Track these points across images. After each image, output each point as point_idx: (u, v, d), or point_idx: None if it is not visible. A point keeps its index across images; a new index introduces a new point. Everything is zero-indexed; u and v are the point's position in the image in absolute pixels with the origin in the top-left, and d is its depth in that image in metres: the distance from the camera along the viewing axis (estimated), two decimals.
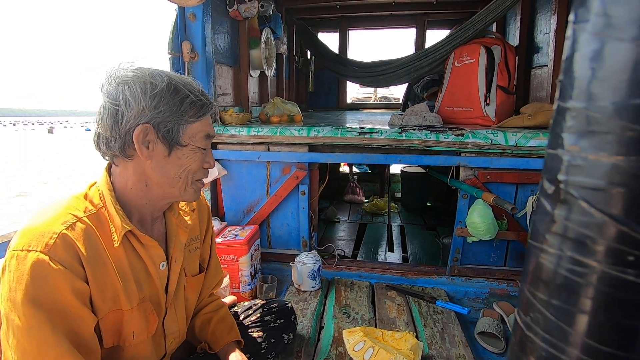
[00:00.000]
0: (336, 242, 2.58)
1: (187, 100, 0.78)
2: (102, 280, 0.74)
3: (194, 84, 0.82)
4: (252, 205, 1.97)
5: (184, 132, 0.78)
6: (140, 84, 0.74)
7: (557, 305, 0.26)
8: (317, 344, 1.35)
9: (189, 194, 0.84)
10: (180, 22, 1.78)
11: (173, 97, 0.76)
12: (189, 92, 0.78)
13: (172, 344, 0.93)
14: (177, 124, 0.77)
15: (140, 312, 0.81)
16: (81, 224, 0.73)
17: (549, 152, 0.27)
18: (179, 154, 0.79)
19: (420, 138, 1.71)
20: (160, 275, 0.85)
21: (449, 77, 2.17)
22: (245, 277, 1.66)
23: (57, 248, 0.68)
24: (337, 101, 4.14)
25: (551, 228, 0.26)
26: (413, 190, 3.46)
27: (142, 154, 0.76)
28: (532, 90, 2.50)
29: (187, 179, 0.82)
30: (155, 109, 0.75)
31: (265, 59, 2.54)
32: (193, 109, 0.79)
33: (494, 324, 1.43)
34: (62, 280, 0.67)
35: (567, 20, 1.09)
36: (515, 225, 1.72)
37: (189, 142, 0.80)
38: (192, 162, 0.81)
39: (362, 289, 1.75)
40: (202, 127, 0.81)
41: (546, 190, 0.27)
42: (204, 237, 1.03)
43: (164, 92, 0.75)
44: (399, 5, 3.40)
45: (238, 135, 1.86)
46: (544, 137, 1.61)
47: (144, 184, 0.80)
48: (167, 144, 0.78)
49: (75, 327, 0.70)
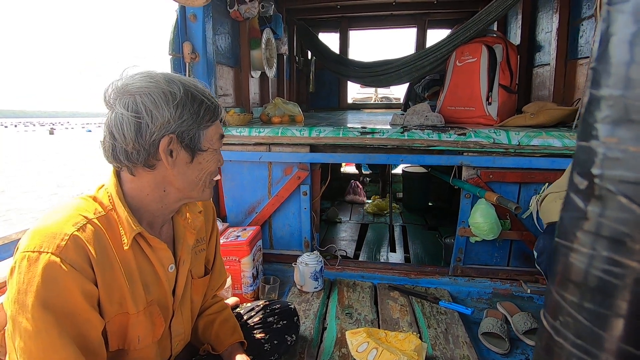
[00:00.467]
0: (338, 243, 2.57)
1: (204, 106, 0.79)
2: (109, 283, 0.73)
3: (205, 88, 0.82)
4: (253, 206, 1.97)
5: (204, 137, 0.80)
6: (160, 94, 0.74)
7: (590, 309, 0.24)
8: (320, 345, 1.35)
9: (206, 194, 0.86)
10: (181, 23, 1.77)
11: (192, 105, 0.77)
12: (204, 97, 0.79)
13: (177, 346, 0.93)
14: (198, 131, 0.78)
15: (146, 316, 0.80)
16: (91, 225, 0.72)
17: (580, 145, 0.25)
18: (201, 159, 0.81)
19: (423, 138, 1.70)
20: (168, 277, 0.85)
21: (450, 76, 2.16)
22: (247, 278, 1.65)
23: (68, 250, 0.67)
24: (338, 101, 4.13)
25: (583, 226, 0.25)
26: (415, 190, 3.45)
27: (167, 163, 0.77)
28: (533, 89, 2.49)
29: (207, 180, 0.84)
30: (179, 119, 0.75)
31: (266, 59, 2.54)
32: (208, 113, 0.79)
33: (497, 325, 1.42)
34: (72, 283, 0.67)
35: (569, 19, 1.09)
36: (518, 224, 1.71)
37: (209, 146, 0.81)
38: (212, 164, 0.83)
39: (365, 290, 1.74)
40: (217, 130, 0.83)
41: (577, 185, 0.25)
42: (209, 239, 1.03)
43: (183, 100, 0.76)
44: (400, 5, 3.40)
45: (239, 136, 1.86)
46: (546, 136, 1.60)
47: (162, 190, 0.80)
48: (189, 151, 0.79)
49: (83, 330, 0.69)
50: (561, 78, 2.11)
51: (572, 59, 2.06)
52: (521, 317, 1.47)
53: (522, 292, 1.70)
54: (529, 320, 1.44)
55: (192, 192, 0.83)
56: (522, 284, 1.71)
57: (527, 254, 1.76)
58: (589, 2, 1.91)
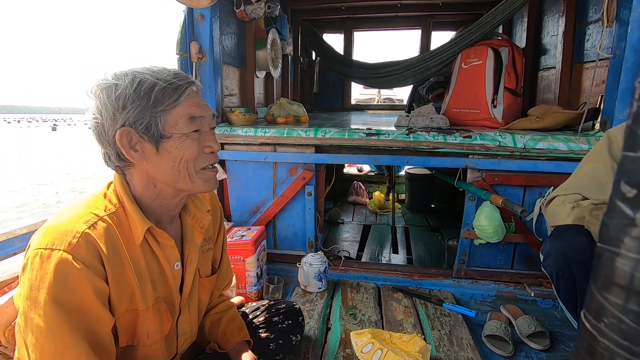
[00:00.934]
0: (340, 243, 2.57)
1: (156, 89, 0.73)
2: (120, 280, 0.74)
3: (164, 70, 0.77)
4: (258, 206, 1.97)
5: (165, 122, 0.74)
6: (106, 89, 0.73)
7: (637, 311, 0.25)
8: (324, 346, 1.35)
9: (198, 185, 0.80)
10: (188, 22, 1.78)
11: (138, 92, 0.73)
12: (157, 79, 0.74)
13: (183, 344, 0.93)
14: (154, 117, 0.73)
15: (155, 313, 0.81)
16: (102, 222, 0.73)
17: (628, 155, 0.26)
18: (167, 147, 0.75)
19: (428, 140, 1.70)
20: (174, 275, 0.85)
21: (455, 78, 2.16)
22: (251, 277, 1.66)
23: (80, 247, 0.68)
24: (341, 102, 4.14)
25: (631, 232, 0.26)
26: (418, 192, 3.46)
27: (133, 158, 0.75)
28: (539, 92, 2.49)
29: (188, 169, 0.78)
30: (123, 110, 0.72)
31: (272, 59, 2.55)
32: (165, 95, 0.74)
33: (501, 327, 1.42)
34: (84, 280, 0.68)
35: (576, 22, 1.09)
36: (522, 228, 1.71)
37: (172, 131, 0.75)
38: (185, 151, 0.77)
39: (369, 291, 1.74)
40: (183, 111, 0.76)
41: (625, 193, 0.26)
42: (217, 238, 1.03)
43: (127, 89, 0.72)
44: (405, 7, 3.40)
45: (245, 136, 1.86)
46: (552, 139, 1.60)
47: (153, 185, 0.79)
48: (152, 141, 0.75)
49: (94, 327, 0.70)
50: (567, 81, 2.11)
51: (577, 62, 2.06)
52: (525, 320, 1.47)
53: (526, 295, 1.70)
54: (532, 324, 1.44)
55: (179, 184, 0.79)
56: (526, 287, 1.71)
57: (531, 257, 1.76)
58: (595, 6, 1.91)
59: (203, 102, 0.82)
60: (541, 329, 1.43)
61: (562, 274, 1.10)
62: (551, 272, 1.13)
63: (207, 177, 0.82)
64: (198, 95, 0.81)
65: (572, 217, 1.10)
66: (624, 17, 1.45)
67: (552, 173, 1.63)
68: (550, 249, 1.12)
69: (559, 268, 1.10)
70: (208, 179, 0.82)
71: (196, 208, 0.93)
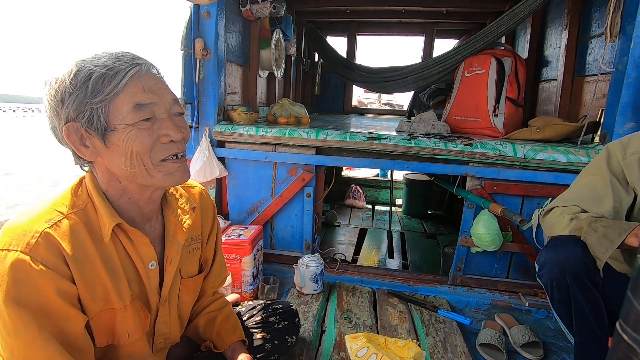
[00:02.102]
0: (336, 246, 2.57)
1: (94, 77, 0.66)
2: (90, 280, 0.71)
3: (105, 55, 0.70)
4: (256, 206, 1.97)
5: (107, 113, 0.68)
6: (48, 85, 0.69)
7: None
8: (319, 348, 1.34)
9: (158, 180, 0.74)
10: (194, 19, 1.78)
11: (74, 82, 0.67)
12: (95, 66, 0.67)
13: (160, 344, 0.89)
14: (95, 109, 0.67)
15: (133, 311, 0.78)
16: (68, 220, 0.70)
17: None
18: (114, 140, 0.69)
19: (429, 146, 1.71)
20: (149, 275, 0.81)
21: (458, 86, 2.17)
22: (247, 277, 1.65)
23: (39, 248, 0.65)
24: (342, 105, 4.14)
25: None
26: (415, 198, 3.47)
27: (85, 155, 0.72)
28: (539, 103, 2.51)
29: (144, 162, 0.71)
30: (63, 105, 0.67)
31: (275, 59, 2.55)
32: (105, 83, 0.67)
33: (495, 336, 1.42)
34: (45, 281, 0.65)
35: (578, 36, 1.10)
36: (519, 237, 1.72)
37: (117, 122, 0.68)
38: (135, 143, 0.69)
39: (364, 295, 1.74)
40: (127, 99, 0.68)
41: None
42: (208, 236, 1.00)
43: (64, 82, 0.67)
44: (409, 13, 3.42)
45: (246, 135, 1.86)
46: (552, 151, 1.61)
47: (117, 181, 0.75)
48: (98, 135, 0.69)
49: (64, 327, 0.67)
50: (567, 94, 2.13)
51: (579, 75, 2.08)
52: (519, 330, 1.47)
53: (521, 304, 1.70)
54: (526, 334, 1.44)
55: (138, 180, 0.73)
56: (521, 297, 1.71)
57: (527, 267, 1.77)
58: (599, 21, 1.93)
59: (158, 84, 0.74)
60: (535, 339, 1.43)
61: (556, 284, 1.10)
62: (546, 282, 1.14)
63: (168, 169, 0.74)
64: (148, 78, 0.72)
65: (569, 229, 1.11)
66: (628, 32, 1.46)
67: (551, 184, 1.64)
68: (546, 259, 1.13)
69: (553, 279, 1.10)
70: (170, 172, 0.75)
71: (180, 205, 0.88)
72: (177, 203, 0.88)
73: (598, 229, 1.03)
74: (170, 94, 0.75)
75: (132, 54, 0.72)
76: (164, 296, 0.85)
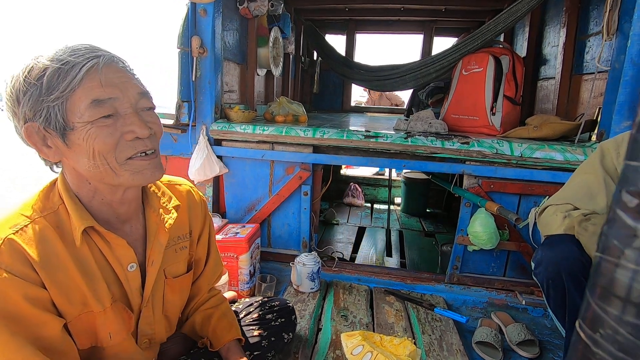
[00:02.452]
0: (335, 245, 2.57)
1: (48, 74, 0.63)
2: (64, 284, 0.69)
3: (64, 48, 0.65)
4: (253, 204, 1.97)
5: (65, 111, 0.64)
6: (5, 84, 0.66)
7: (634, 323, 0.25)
8: (315, 346, 1.35)
9: (126, 179, 0.70)
10: (191, 17, 1.77)
11: (28, 80, 0.63)
12: (50, 61, 0.63)
13: (144, 344, 0.87)
14: (51, 107, 0.63)
15: (114, 313, 0.76)
16: (36, 224, 0.68)
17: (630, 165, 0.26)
18: (74, 139, 0.66)
19: (426, 144, 1.71)
20: (128, 277, 0.79)
21: (456, 84, 2.17)
22: (244, 275, 1.65)
23: (2, 255, 0.63)
24: (341, 103, 4.14)
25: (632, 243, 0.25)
26: (413, 196, 3.47)
27: (48, 156, 0.69)
28: (537, 101, 2.50)
29: (107, 162, 0.68)
30: (19, 104, 0.64)
31: (273, 58, 2.54)
32: (59, 79, 0.63)
33: (492, 334, 1.43)
34: (10, 288, 0.63)
35: (576, 34, 1.09)
36: (516, 236, 1.72)
37: (75, 120, 0.65)
38: (94, 142, 0.66)
39: (361, 293, 1.74)
40: (84, 94, 0.64)
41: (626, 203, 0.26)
42: (199, 235, 0.98)
43: (18, 80, 0.64)
44: (408, 11, 3.41)
45: (243, 133, 1.86)
46: (549, 149, 1.61)
47: (87, 182, 0.72)
48: (57, 135, 0.66)
49: (37, 332, 0.66)
50: (565, 92, 2.12)
51: (577, 73, 2.07)
52: (515, 328, 1.48)
53: (517, 303, 1.70)
54: (522, 332, 1.45)
55: (106, 180, 0.70)
56: (518, 295, 1.72)
57: (524, 265, 1.77)
58: (596, 19, 1.92)
59: (120, 77, 0.69)
60: (531, 337, 1.43)
61: (552, 282, 1.10)
62: (542, 280, 1.14)
63: (136, 167, 0.71)
64: (108, 71, 0.67)
65: (563, 227, 1.11)
66: (625, 31, 1.46)
67: (548, 182, 1.64)
68: (542, 257, 1.13)
69: (549, 277, 1.10)
70: (137, 170, 0.71)
71: (162, 204, 0.86)
72: (159, 202, 0.86)
73: (588, 227, 1.03)
74: (136, 87, 0.71)
75: (91, 45, 0.67)
76: (146, 297, 0.83)
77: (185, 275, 0.94)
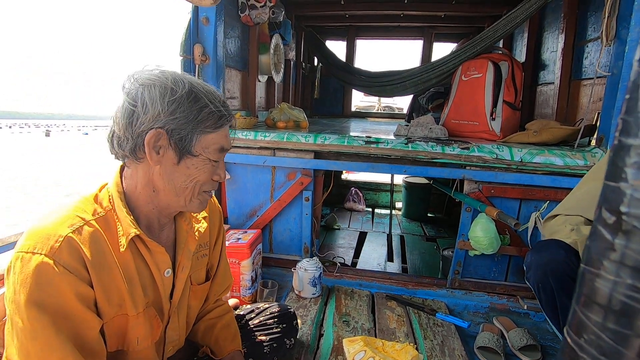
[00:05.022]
0: (336, 250, 2.57)
1: (206, 110, 0.76)
2: (107, 285, 0.73)
3: (216, 94, 0.80)
4: (255, 210, 1.98)
5: (198, 141, 0.76)
6: (161, 87, 0.73)
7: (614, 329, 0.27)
8: (317, 352, 1.35)
9: (194, 205, 0.82)
10: (193, 25, 1.80)
11: (191, 105, 0.75)
12: (209, 101, 0.76)
13: (170, 352, 0.92)
14: (192, 133, 0.75)
15: (145, 318, 0.80)
16: (89, 227, 0.72)
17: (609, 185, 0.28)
18: (189, 163, 0.77)
19: (426, 150, 1.72)
20: (164, 282, 0.83)
21: (455, 90, 2.18)
22: (246, 281, 1.66)
23: (62, 252, 0.67)
24: (342, 109, 4.16)
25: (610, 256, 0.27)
26: (414, 201, 3.47)
27: (151, 159, 0.75)
28: (537, 106, 2.52)
29: (195, 189, 0.80)
30: (171, 115, 0.73)
31: (274, 64, 2.56)
32: (211, 119, 0.77)
33: (493, 339, 1.43)
34: (66, 284, 0.67)
35: (575, 40, 1.11)
36: (517, 240, 1.72)
37: (201, 152, 0.77)
38: (201, 173, 0.79)
39: (362, 298, 1.75)
40: (218, 139, 0.79)
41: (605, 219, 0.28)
42: (215, 243, 1.02)
43: (183, 98, 0.74)
44: (407, 17, 3.44)
45: (245, 139, 1.87)
46: (549, 154, 1.62)
47: (152, 189, 0.79)
48: (178, 152, 0.76)
49: (80, 330, 0.69)
50: (564, 97, 2.14)
51: (576, 79, 2.09)
52: (517, 333, 1.48)
53: (519, 307, 1.70)
54: (524, 337, 1.45)
55: (178, 199, 0.80)
56: (519, 300, 1.72)
57: (525, 270, 1.77)
58: (595, 25, 1.94)
59: (229, 135, 0.85)
60: (533, 342, 1.43)
61: (542, 285, 1.12)
62: (533, 284, 1.15)
63: (204, 200, 0.84)
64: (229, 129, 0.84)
65: (569, 241, 1.12)
66: (622, 37, 1.48)
67: (548, 187, 1.64)
68: (531, 261, 1.14)
69: (539, 280, 1.12)
70: (203, 202, 0.84)
71: (192, 214, 0.92)
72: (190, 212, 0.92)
73: None
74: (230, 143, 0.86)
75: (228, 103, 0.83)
76: (175, 303, 0.87)
77: (206, 284, 0.99)
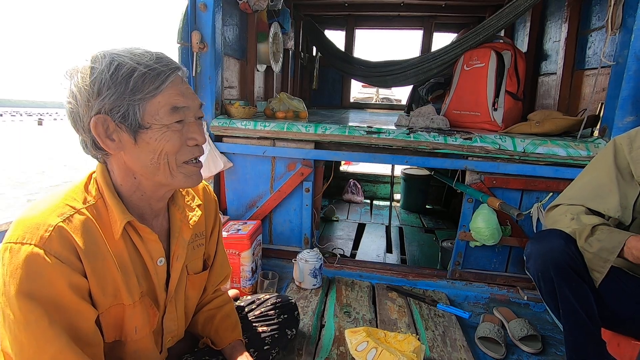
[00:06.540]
0: (335, 241, 2.57)
1: (136, 75, 0.68)
2: (102, 274, 0.71)
3: (147, 54, 0.71)
4: (255, 200, 1.96)
5: (143, 111, 0.69)
6: (81, 72, 0.68)
7: None
8: (318, 343, 1.34)
9: (179, 180, 0.76)
10: (190, 12, 1.75)
11: (115, 77, 0.67)
12: (137, 63, 0.68)
13: (169, 342, 0.91)
14: (131, 105, 0.68)
15: (142, 307, 0.78)
16: (79, 215, 0.70)
17: None
18: (146, 138, 0.70)
19: (428, 140, 1.70)
20: (157, 271, 0.81)
21: (457, 80, 2.16)
22: (246, 272, 1.64)
23: (52, 241, 0.65)
24: (340, 100, 4.12)
25: None
26: (413, 192, 3.47)
27: (109, 148, 0.71)
28: (538, 97, 2.50)
29: (168, 163, 0.74)
30: (99, 96, 0.67)
31: (273, 53, 2.52)
32: (146, 82, 0.68)
33: (494, 330, 1.43)
34: (57, 275, 0.65)
35: (578, 29, 1.09)
36: (518, 231, 1.72)
37: (152, 121, 0.70)
38: (165, 144, 0.72)
39: (363, 289, 1.74)
40: (165, 100, 0.70)
41: None
42: (211, 233, 1.00)
43: (103, 74, 0.67)
44: (407, 7, 3.39)
45: (244, 129, 1.84)
46: (552, 145, 1.61)
47: (132, 177, 0.75)
48: (129, 131, 0.70)
49: (74, 321, 0.67)
50: (567, 87, 2.12)
51: (579, 69, 2.07)
52: (517, 324, 1.48)
53: (519, 298, 1.71)
54: (525, 327, 1.45)
55: (158, 178, 0.74)
56: (519, 291, 1.72)
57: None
58: (599, 14, 1.91)
59: (189, 90, 0.76)
60: (533, 332, 1.44)
61: (542, 275, 1.11)
62: (533, 273, 1.15)
63: (190, 172, 0.78)
64: (183, 83, 0.75)
65: (569, 230, 1.12)
66: (629, 25, 1.45)
67: (551, 178, 1.63)
68: (531, 251, 1.14)
69: (538, 270, 1.12)
70: (190, 174, 0.78)
71: (186, 202, 0.90)
72: (183, 200, 0.90)
73: (593, 243, 1.04)
74: (197, 99, 0.78)
75: (167, 56, 0.74)
76: (171, 292, 0.85)
77: (203, 273, 0.97)
